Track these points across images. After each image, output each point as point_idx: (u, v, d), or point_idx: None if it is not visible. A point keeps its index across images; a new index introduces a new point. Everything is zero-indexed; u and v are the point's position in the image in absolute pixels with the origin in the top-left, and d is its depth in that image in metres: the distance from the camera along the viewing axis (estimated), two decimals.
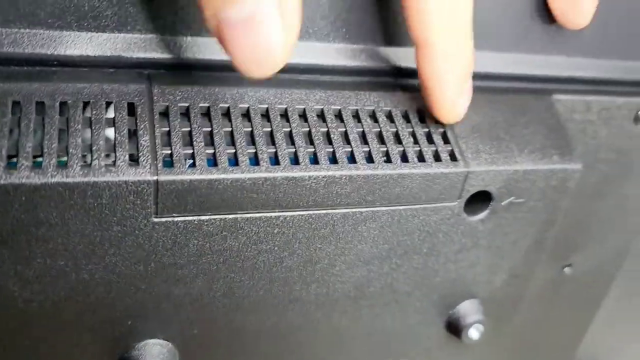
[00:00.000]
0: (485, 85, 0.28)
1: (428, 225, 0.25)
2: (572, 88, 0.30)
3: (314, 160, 0.23)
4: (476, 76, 0.28)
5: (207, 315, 0.24)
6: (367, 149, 0.24)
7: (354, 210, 0.24)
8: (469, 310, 0.29)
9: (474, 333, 0.29)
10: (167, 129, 0.21)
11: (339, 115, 0.24)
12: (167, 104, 0.22)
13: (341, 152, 0.23)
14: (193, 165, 0.21)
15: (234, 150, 0.22)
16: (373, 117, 0.25)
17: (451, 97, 0.24)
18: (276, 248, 0.23)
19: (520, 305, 0.30)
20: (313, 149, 0.23)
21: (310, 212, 0.23)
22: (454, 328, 0.29)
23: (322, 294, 0.25)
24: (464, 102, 0.24)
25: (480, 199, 0.26)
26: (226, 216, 0.22)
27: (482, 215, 0.26)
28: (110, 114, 0.21)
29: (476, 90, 0.27)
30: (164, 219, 0.21)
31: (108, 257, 0.21)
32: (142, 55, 0.23)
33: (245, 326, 0.25)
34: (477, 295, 0.29)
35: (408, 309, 0.28)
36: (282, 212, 0.23)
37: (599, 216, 0.34)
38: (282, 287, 0.24)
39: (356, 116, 0.24)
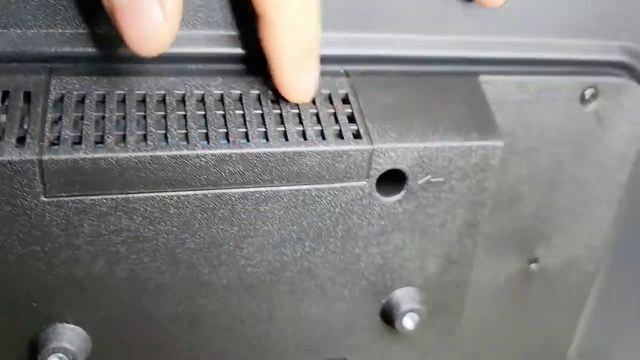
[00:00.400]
0: (405, 69, 0.28)
1: (338, 206, 0.25)
2: (506, 70, 0.29)
3: (207, 140, 0.23)
4: (393, 60, 0.28)
5: (114, 299, 0.24)
6: (264, 130, 0.24)
7: (252, 189, 0.24)
8: (403, 298, 0.28)
9: (408, 322, 0.28)
10: (60, 114, 0.22)
11: (239, 100, 0.25)
12: (63, 92, 0.23)
13: (236, 132, 0.23)
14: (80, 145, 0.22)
15: (122, 133, 0.22)
16: (276, 101, 0.25)
17: (291, 74, 0.24)
18: (175, 229, 0.24)
19: (465, 294, 0.29)
20: (205, 130, 0.23)
21: (205, 192, 0.23)
22: (388, 317, 0.28)
23: (234, 277, 0.25)
24: (308, 80, 0.24)
25: (396, 180, 0.26)
26: (117, 196, 0.23)
27: (398, 196, 0.26)
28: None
29: (393, 74, 0.28)
30: (53, 199, 0.22)
31: (2, 237, 0.22)
32: (45, 49, 0.24)
33: (156, 311, 0.25)
34: (412, 283, 0.28)
35: (335, 297, 0.27)
36: (175, 191, 0.23)
37: (559, 205, 0.32)
38: (188, 270, 0.25)
39: (258, 100, 0.25)
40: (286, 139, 0.24)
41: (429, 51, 0.28)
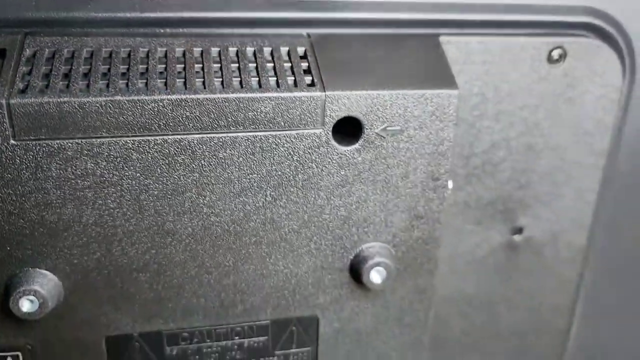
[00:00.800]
0: (367, 32, 0.29)
1: (296, 154, 0.26)
2: (467, 31, 0.30)
3: (166, 88, 0.25)
4: (355, 22, 0.29)
5: (83, 245, 0.26)
6: (221, 79, 0.25)
7: (211, 135, 0.25)
8: (370, 253, 0.28)
9: (375, 276, 0.28)
10: (31, 68, 0.24)
11: (200, 56, 0.26)
12: (36, 49, 0.25)
13: (194, 81, 0.25)
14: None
15: (87, 82, 0.24)
16: (236, 55, 0.26)
17: None
18: (138, 174, 0.25)
19: (436, 251, 0.29)
20: (164, 80, 0.25)
21: (165, 137, 0.25)
22: (356, 272, 0.28)
23: (198, 226, 0.26)
24: None
25: (355, 131, 0.26)
26: (82, 140, 0.24)
27: (356, 144, 0.27)
28: None
29: (351, 35, 0.29)
30: (22, 142, 0.24)
31: None
32: (21, 14, 0.26)
33: (124, 259, 0.26)
34: (380, 238, 0.28)
35: (301, 250, 0.28)
36: (136, 136, 0.24)
37: (538, 172, 0.32)
38: (153, 217, 0.26)
39: (218, 55, 0.26)
40: (242, 87, 0.25)
41: (390, 14, 0.29)
